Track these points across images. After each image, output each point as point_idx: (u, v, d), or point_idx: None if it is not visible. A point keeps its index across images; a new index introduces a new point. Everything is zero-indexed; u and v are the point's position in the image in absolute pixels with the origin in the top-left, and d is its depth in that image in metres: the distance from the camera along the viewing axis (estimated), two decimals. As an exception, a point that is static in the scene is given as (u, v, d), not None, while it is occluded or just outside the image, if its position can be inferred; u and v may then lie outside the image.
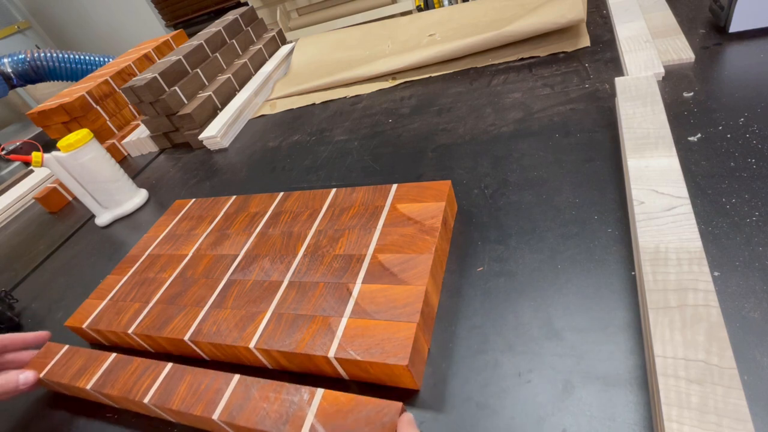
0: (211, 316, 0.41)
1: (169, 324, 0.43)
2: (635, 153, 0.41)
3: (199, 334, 0.40)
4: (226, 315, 0.41)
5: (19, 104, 2.47)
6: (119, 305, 0.47)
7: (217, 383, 0.35)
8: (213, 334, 0.40)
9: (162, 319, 0.43)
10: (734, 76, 0.51)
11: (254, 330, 0.38)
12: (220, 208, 0.57)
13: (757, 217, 0.35)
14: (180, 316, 0.43)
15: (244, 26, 1.11)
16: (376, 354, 0.32)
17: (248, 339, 0.38)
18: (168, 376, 0.38)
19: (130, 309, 0.46)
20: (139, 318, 0.45)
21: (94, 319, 0.47)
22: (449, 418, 0.31)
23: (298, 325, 0.37)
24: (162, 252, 0.53)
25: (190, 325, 0.41)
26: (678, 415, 0.24)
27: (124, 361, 0.41)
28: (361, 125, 0.72)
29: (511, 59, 0.73)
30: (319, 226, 0.47)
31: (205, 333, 0.40)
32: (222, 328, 0.40)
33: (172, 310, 0.44)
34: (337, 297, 0.38)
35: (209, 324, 0.41)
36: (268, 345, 0.37)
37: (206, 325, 0.41)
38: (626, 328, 0.32)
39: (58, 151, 0.68)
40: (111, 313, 0.47)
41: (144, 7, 2.81)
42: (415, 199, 0.45)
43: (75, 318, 0.49)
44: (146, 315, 0.45)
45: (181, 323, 0.42)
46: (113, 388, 0.38)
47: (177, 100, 0.88)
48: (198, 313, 0.42)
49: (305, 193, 0.53)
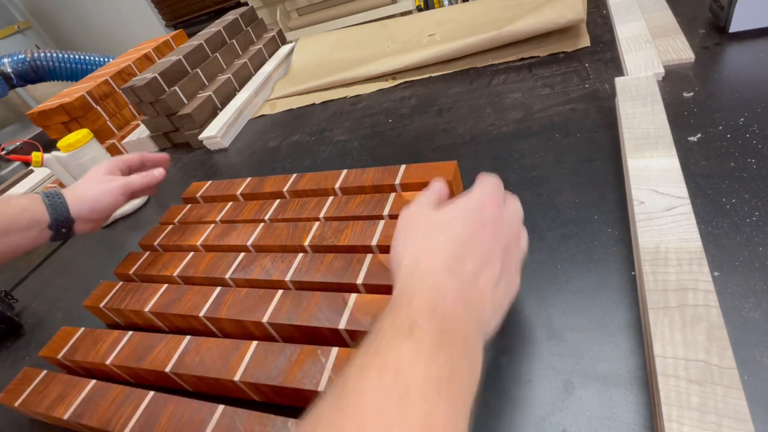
0: (194, 345, 0.39)
1: (150, 354, 0.40)
2: (635, 153, 0.41)
3: (181, 365, 0.38)
4: (210, 345, 0.39)
5: (19, 104, 2.47)
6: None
7: (201, 414, 0.33)
8: (196, 366, 0.37)
9: (142, 348, 0.41)
10: (734, 76, 0.51)
11: (239, 361, 0.36)
12: (234, 191, 0.58)
13: (757, 217, 0.35)
14: (161, 345, 0.41)
15: (244, 26, 1.11)
16: None
17: (233, 371, 0.36)
18: (149, 406, 0.36)
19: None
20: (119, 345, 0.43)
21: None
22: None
23: (286, 355, 0.35)
24: (170, 242, 0.54)
25: (171, 356, 0.39)
26: (678, 415, 0.24)
27: (104, 388, 0.39)
28: (361, 125, 0.72)
29: (511, 59, 0.73)
30: (326, 213, 0.48)
31: (187, 364, 0.38)
32: (205, 359, 0.38)
33: (152, 339, 0.42)
34: (332, 307, 0.37)
35: (192, 354, 0.39)
36: (254, 378, 0.35)
37: (189, 355, 0.39)
38: (626, 328, 0.32)
39: (58, 151, 0.68)
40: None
41: (144, 7, 2.81)
42: (423, 178, 0.47)
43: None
44: (126, 344, 0.42)
45: (163, 353, 0.40)
46: (91, 419, 0.36)
47: (177, 100, 0.88)
48: (180, 343, 0.40)
49: (318, 174, 0.54)
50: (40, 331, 0.56)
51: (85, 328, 0.46)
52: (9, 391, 0.42)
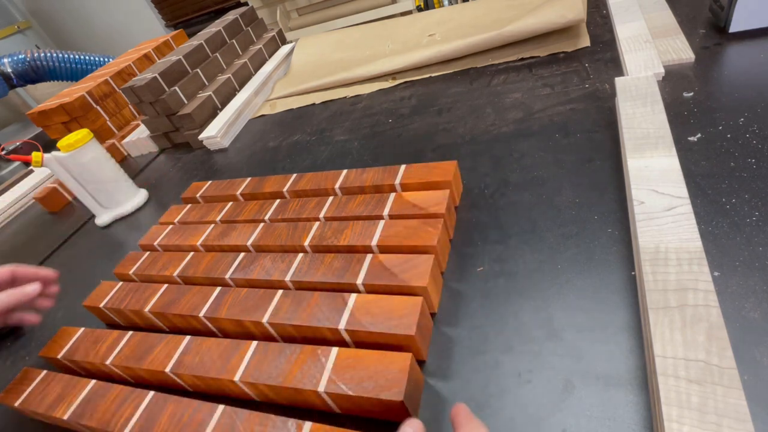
0: (194, 345, 0.39)
1: (150, 354, 0.40)
2: (635, 153, 0.41)
3: (181, 365, 0.38)
4: (210, 345, 0.38)
5: (19, 104, 2.47)
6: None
7: (201, 414, 0.33)
8: (196, 366, 0.37)
9: (142, 348, 0.41)
10: (734, 76, 0.51)
11: (239, 361, 0.36)
12: (234, 191, 0.58)
13: (757, 217, 0.35)
14: (161, 345, 0.41)
15: (244, 26, 1.11)
16: (369, 388, 0.30)
17: (233, 371, 0.35)
18: (149, 406, 0.36)
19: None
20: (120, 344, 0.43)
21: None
22: (449, 418, 0.31)
23: (286, 355, 0.35)
24: (170, 242, 0.54)
25: (171, 356, 0.39)
26: (678, 415, 0.24)
27: (104, 388, 0.39)
28: (361, 125, 0.72)
29: (511, 59, 0.73)
30: (326, 213, 0.48)
31: (187, 364, 0.38)
32: (205, 359, 0.37)
33: (152, 339, 0.42)
34: (332, 307, 0.37)
35: (192, 354, 0.38)
36: (254, 378, 0.34)
37: (189, 355, 0.38)
38: (626, 328, 0.32)
39: (58, 151, 0.68)
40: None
41: (144, 7, 2.81)
42: (423, 178, 0.47)
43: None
44: (125, 344, 0.42)
45: (162, 353, 0.40)
46: (91, 419, 0.36)
47: (177, 100, 0.87)
48: (180, 343, 0.40)
49: (318, 174, 0.54)
50: (40, 331, 0.56)
51: (84, 329, 0.46)
52: (9, 391, 0.42)
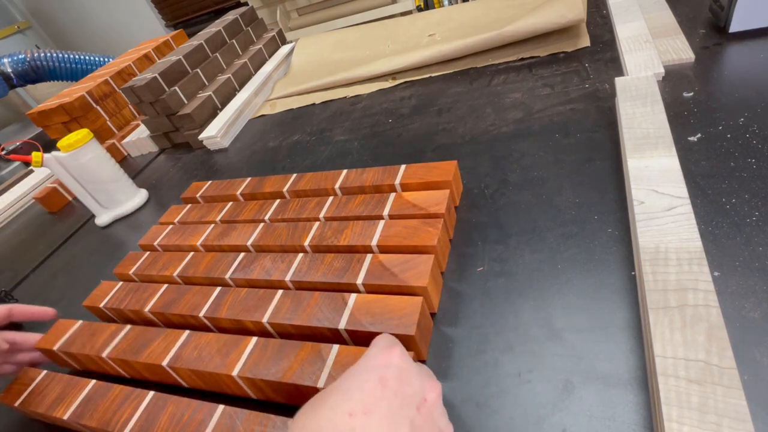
0: (193, 339, 0.39)
1: (147, 347, 0.40)
2: (635, 153, 0.41)
3: (178, 359, 0.38)
4: (209, 339, 0.38)
5: (19, 104, 2.47)
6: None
7: (201, 414, 0.33)
8: (194, 360, 0.37)
9: (140, 341, 0.41)
10: (734, 76, 0.51)
11: (238, 356, 0.36)
12: (234, 191, 0.58)
13: (757, 217, 0.35)
14: (159, 339, 0.40)
15: (244, 26, 1.11)
16: None
17: (231, 366, 0.35)
18: (149, 406, 0.35)
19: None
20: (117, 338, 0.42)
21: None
22: (449, 418, 0.31)
23: (286, 351, 0.35)
24: (170, 242, 0.54)
25: (169, 349, 0.39)
26: (678, 415, 0.24)
27: (104, 388, 0.39)
28: (361, 125, 0.72)
29: (511, 59, 0.73)
30: (326, 213, 0.48)
31: (185, 358, 0.37)
32: (204, 354, 0.37)
33: (150, 333, 0.42)
34: (332, 307, 0.37)
35: (190, 348, 0.38)
36: (252, 373, 0.34)
37: (187, 349, 0.38)
38: (626, 328, 0.32)
39: (58, 151, 0.68)
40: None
41: (144, 7, 2.81)
42: (423, 178, 0.47)
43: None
44: (123, 337, 0.42)
45: (160, 347, 0.39)
46: (91, 419, 0.36)
47: (177, 100, 0.88)
48: (178, 337, 0.40)
49: (318, 174, 0.54)
50: (39, 331, 0.56)
51: (82, 321, 0.46)
52: (9, 391, 0.42)
